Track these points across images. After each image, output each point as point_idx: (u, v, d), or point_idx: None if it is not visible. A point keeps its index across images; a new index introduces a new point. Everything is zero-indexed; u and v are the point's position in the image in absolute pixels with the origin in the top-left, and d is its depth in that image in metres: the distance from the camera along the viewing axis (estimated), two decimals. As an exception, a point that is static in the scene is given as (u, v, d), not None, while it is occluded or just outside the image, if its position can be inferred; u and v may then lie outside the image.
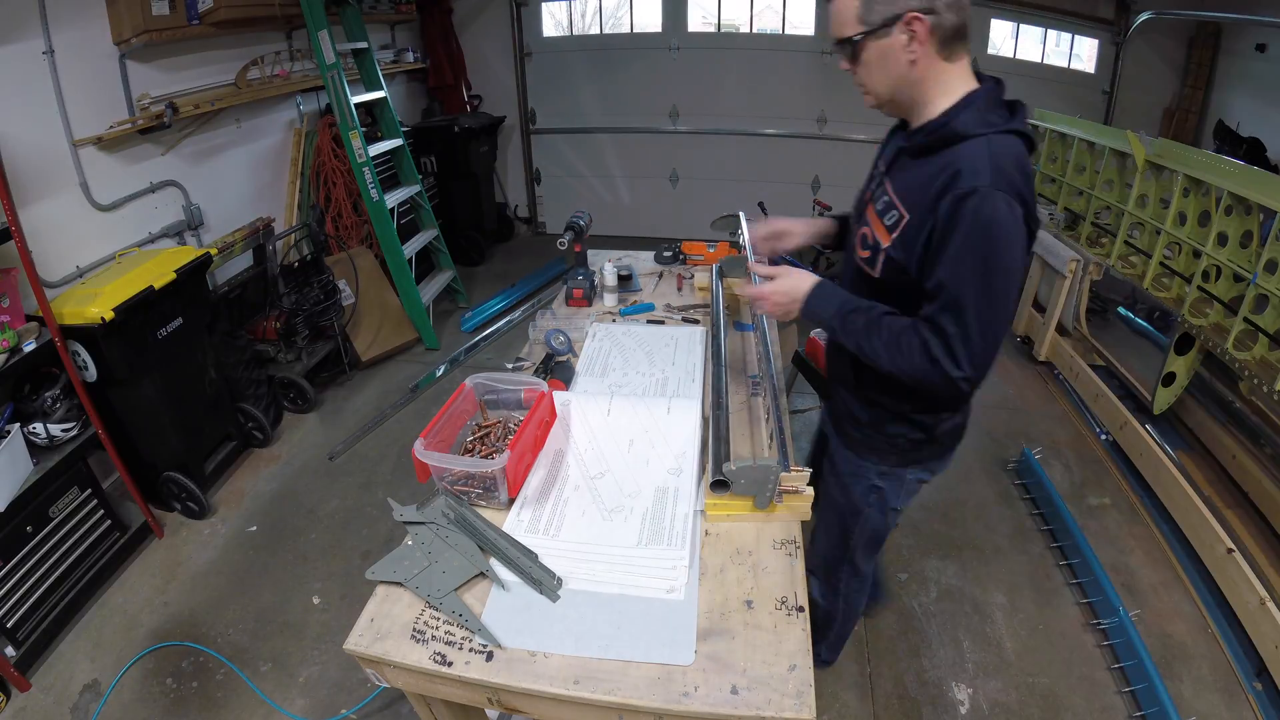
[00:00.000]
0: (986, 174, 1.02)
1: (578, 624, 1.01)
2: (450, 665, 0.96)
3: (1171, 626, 2.10)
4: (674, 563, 1.10)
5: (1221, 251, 2.43)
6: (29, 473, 2.07)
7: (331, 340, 3.46)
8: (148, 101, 2.80)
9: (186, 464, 2.59)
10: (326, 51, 3.34)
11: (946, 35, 1.06)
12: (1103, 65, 4.60)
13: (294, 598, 2.26)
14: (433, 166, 4.79)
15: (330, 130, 3.76)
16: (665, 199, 5.47)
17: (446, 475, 1.23)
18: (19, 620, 2.02)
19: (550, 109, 5.40)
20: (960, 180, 1.03)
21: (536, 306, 4.14)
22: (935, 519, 2.56)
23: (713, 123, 5.11)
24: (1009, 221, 1.02)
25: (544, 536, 1.17)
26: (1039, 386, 3.48)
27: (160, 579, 2.36)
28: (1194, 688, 1.91)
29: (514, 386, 1.43)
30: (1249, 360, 2.29)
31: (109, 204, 2.70)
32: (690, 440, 1.36)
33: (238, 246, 3.20)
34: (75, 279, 2.50)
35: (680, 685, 0.92)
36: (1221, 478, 2.61)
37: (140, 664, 2.04)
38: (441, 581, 1.07)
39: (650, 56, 5.05)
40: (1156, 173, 2.87)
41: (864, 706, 1.90)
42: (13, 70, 2.32)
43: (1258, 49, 3.87)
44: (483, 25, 5.23)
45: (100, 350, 2.23)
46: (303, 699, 1.92)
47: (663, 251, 2.32)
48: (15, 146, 2.22)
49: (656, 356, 1.74)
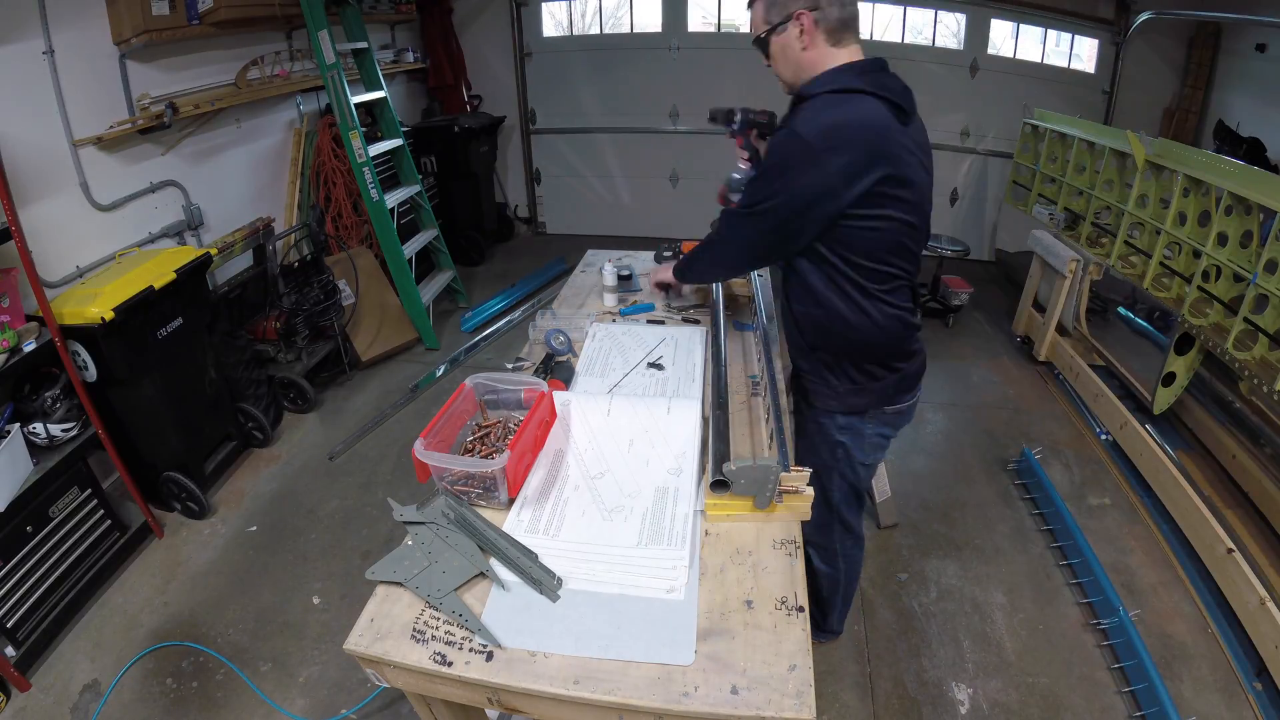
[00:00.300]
0: (803, 122, 1.25)
1: (578, 624, 1.01)
2: (450, 665, 0.95)
3: (1171, 626, 2.10)
4: (674, 563, 1.10)
5: (1221, 251, 2.43)
6: (29, 473, 2.07)
7: (331, 340, 3.46)
8: (148, 101, 2.80)
9: (186, 464, 2.59)
10: (326, 51, 3.34)
11: (832, 26, 1.30)
12: (1103, 65, 4.61)
13: (294, 598, 2.26)
14: (433, 166, 4.79)
15: (330, 130, 3.76)
16: (665, 199, 5.47)
17: (446, 475, 1.23)
18: (19, 620, 2.01)
19: (550, 109, 5.40)
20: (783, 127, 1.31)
21: (536, 306, 4.15)
22: (935, 519, 2.56)
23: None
24: (793, 152, 1.24)
25: (544, 536, 1.17)
26: (1039, 386, 3.48)
27: (160, 579, 2.36)
28: (1194, 688, 1.91)
29: (514, 386, 1.43)
30: (1249, 360, 2.29)
31: (109, 204, 2.70)
32: (690, 440, 1.36)
33: (238, 246, 3.20)
34: (75, 279, 2.50)
35: (680, 685, 0.92)
36: (1221, 478, 2.61)
37: (140, 664, 2.04)
38: (441, 581, 1.07)
39: (650, 56, 5.05)
40: (1156, 173, 2.87)
41: (864, 706, 1.90)
42: (13, 70, 2.31)
43: (1258, 49, 3.87)
44: (483, 25, 5.23)
45: (100, 350, 2.23)
46: (303, 699, 1.92)
47: (663, 251, 2.32)
48: (15, 146, 2.22)
49: (656, 356, 1.74)
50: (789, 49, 1.35)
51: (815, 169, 1.23)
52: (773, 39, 1.36)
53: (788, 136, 1.27)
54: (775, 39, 1.36)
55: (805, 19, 1.30)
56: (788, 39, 1.33)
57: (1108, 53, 4.55)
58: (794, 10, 1.30)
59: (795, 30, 1.31)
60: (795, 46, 1.33)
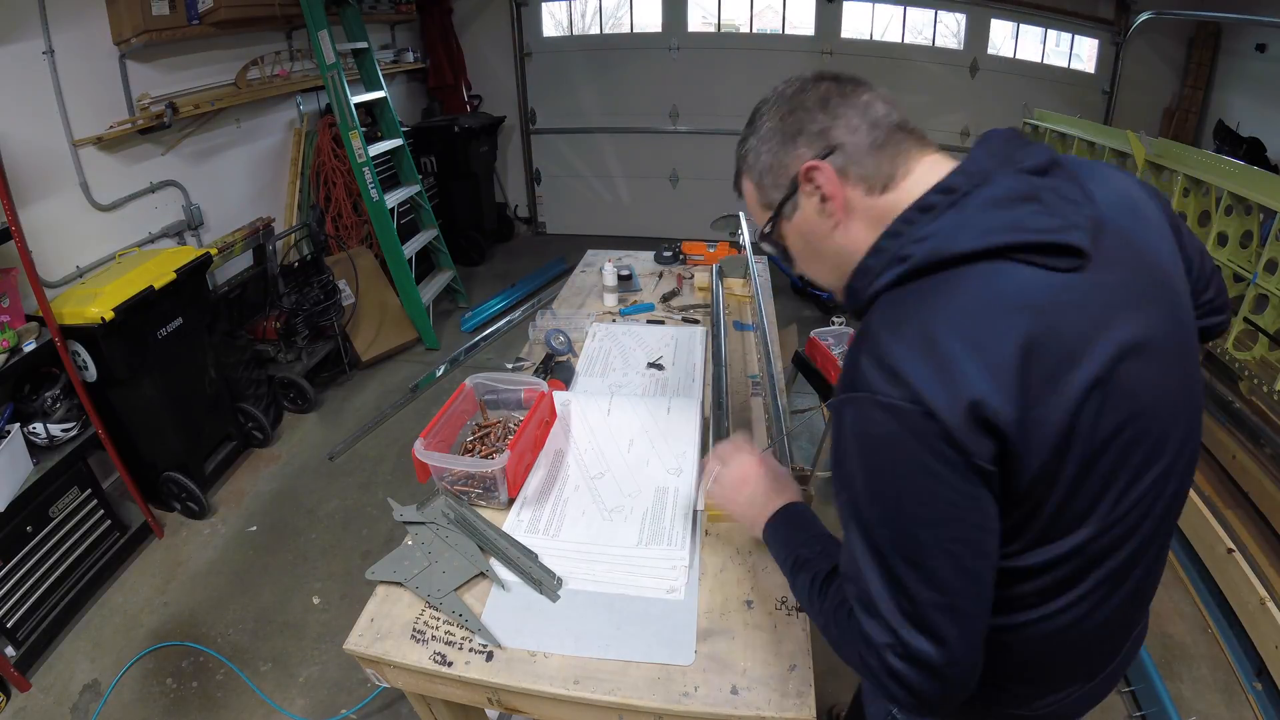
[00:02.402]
0: (858, 367, 0.65)
1: (578, 624, 1.01)
2: (450, 665, 0.96)
3: (1171, 626, 2.09)
4: (674, 563, 1.10)
5: (1221, 251, 2.43)
6: (29, 473, 2.07)
7: (331, 340, 3.46)
8: (148, 101, 2.80)
9: (186, 464, 2.59)
10: (326, 51, 3.34)
11: (866, 162, 0.71)
12: (1103, 65, 4.60)
13: (294, 598, 2.26)
14: (433, 166, 4.79)
15: (330, 130, 3.76)
16: (665, 199, 5.47)
17: (446, 475, 1.23)
18: (19, 620, 2.01)
19: (550, 109, 5.40)
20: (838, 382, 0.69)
21: (536, 306, 4.14)
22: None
23: (713, 123, 5.11)
24: (890, 442, 0.62)
25: (544, 536, 1.17)
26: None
27: (160, 579, 2.36)
28: (1194, 688, 1.91)
29: (514, 386, 1.43)
30: (1249, 360, 2.29)
31: (109, 204, 2.70)
32: (690, 440, 1.36)
33: (238, 246, 3.20)
34: (75, 279, 2.50)
35: (680, 685, 0.92)
36: (1221, 478, 2.61)
37: (140, 664, 2.04)
38: (441, 581, 1.07)
39: (650, 56, 5.05)
40: (1156, 173, 2.87)
41: (864, 706, 1.89)
42: (13, 70, 2.31)
43: (1258, 49, 3.87)
44: (483, 25, 5.23)
45: (100, 350, 2.22)
46: (303, 699, 1.92)
47: (663, 251, 2.32)
48: (15, 146, 2.22)
49: (656, 356, 1.74)
50: (813, 234, 0.76)
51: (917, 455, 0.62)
52: (783, 228, 0.79)
53: (856, 410, 0.65)
54: (787, 226, 0.78)
55: (821, 175, 0.72)
56: (805, 218, 0.76)
57: (1108, 53, 4.55)
58: (798, 169, 0.73)
59: (813, 199, 0.74)
60: (822, 228, 0.75)
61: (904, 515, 0.63)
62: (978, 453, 0.60)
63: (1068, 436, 0.62)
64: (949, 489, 0.61)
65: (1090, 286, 0.63)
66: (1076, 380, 0.61)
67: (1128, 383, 0.64)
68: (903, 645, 0.64)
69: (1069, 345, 0.61)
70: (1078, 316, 0.62)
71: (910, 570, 0.63)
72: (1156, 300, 0.68)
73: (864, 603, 0.67)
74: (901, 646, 0.64)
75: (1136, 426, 0.65)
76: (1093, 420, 0.62)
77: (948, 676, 0.64)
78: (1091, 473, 0.65)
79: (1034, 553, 0.69)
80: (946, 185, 0.67)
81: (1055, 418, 0.61)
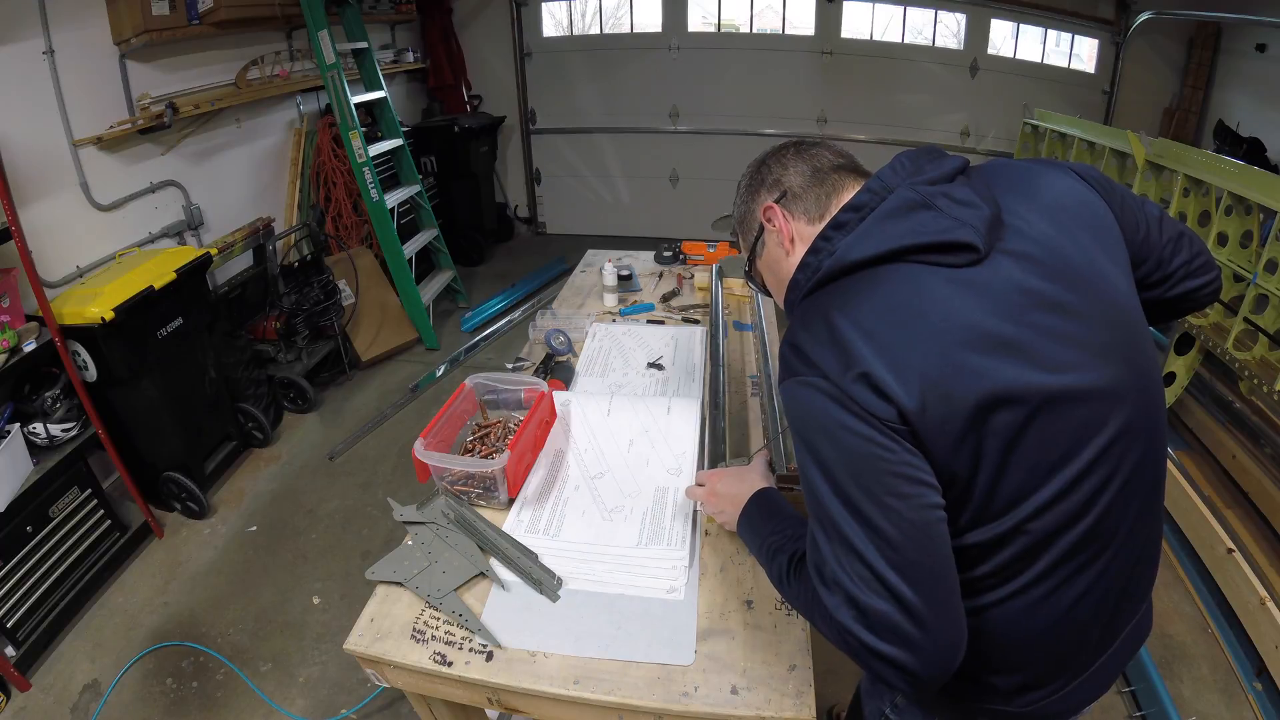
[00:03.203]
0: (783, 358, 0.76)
1: (578, 624, 1.01)
2: (450, 665, 0.96)
3: (1171, 626, 2.10)
4: (674, 563, 1.10)
5: (1221, 251, 2.43)
6: (29, 473, 2.07)
7: (331, 340, 3.46)
8: (148, 101, 2.80)
9: (186, 464, 2.59)
10: (326, 51, 3.34)
11: (807, 198, 0.85)
12: (1103, 65, 4.60)
13: (294, 598, 2.26)
14: (433, 166, 4.79)
15: (330, 130, 3.76)
16: (665, 199, 5.47)
17: (446, 475, 1.23)
18: (19, 620, 2.01)
19: (550, 109, 5.40)
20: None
21: (536, 306, 4.14)
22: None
23: (713, 123, 5.11)
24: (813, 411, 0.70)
25: (544, 536, 1.17)
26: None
27: (160, 579, 2.36)
28: (1194, 688, 1.91)
29: (514, 386, 1.43)
30: (1249, 360, 2.29)
31: (109, 204, 2.70)
32: (690, 440, 1.36)
33: (238, 246, 3.19)
34: (75, 279, 2.51)
35: (680, 685, 0.92)
36: (1221, 478, 2.61)
37: (140, 664, 2.04)
38: (441, 581, 1.07)
39: (650, 56, 5.05)
40: (1156, 173, 2.87)
41: (864, 706, 1.89)
42: (13, 70, 2.32)
43: (1258, 49, 3.87)
44: (483, 25, 5.22)
45: (100, 350, 2.23)
46: (303, 699, 1.93)
47: (663, 251, 2.32)
48: (15, 146, 2.22)
49: (656, 356, 1.74)
50: (776, 265, 0.91)
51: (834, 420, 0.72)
52: (758, 265, 0.95)
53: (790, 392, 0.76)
54: (759, 263, 0.94)
55: (774, 213, 0.87)
56: (771, 252, 0.91)
57: (1108, 53, 4.55)
58: (759, 212, 0.90)
59: (775, 237, 0.89)
60: (780, 257, 0.89)
61: (837, 473, 0.68)
62: (883, 415, 0.66)
63: (970, 419, 0.67)
64: (869, 443, 0.67)
65: (989, 276, 0.71)
66: (974, 364, 0.67)
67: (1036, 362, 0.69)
68: (861, 611, 0.66)
69: (967, 332, 0.68)
70: (976, 303, 0.69)
71: (856, 527, 0.66)
72: (1074, 282, 0.73)
73: (819, 571, 0.71)
74: (859, 612, 0.66)
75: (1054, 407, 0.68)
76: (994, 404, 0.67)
77: (921, 647, 0.64)
78: (1015, 451, 0.68)
79: (977, 531, 0.72)
80: (854, 204, 0.78)
81: (958, 397, 0.66)
